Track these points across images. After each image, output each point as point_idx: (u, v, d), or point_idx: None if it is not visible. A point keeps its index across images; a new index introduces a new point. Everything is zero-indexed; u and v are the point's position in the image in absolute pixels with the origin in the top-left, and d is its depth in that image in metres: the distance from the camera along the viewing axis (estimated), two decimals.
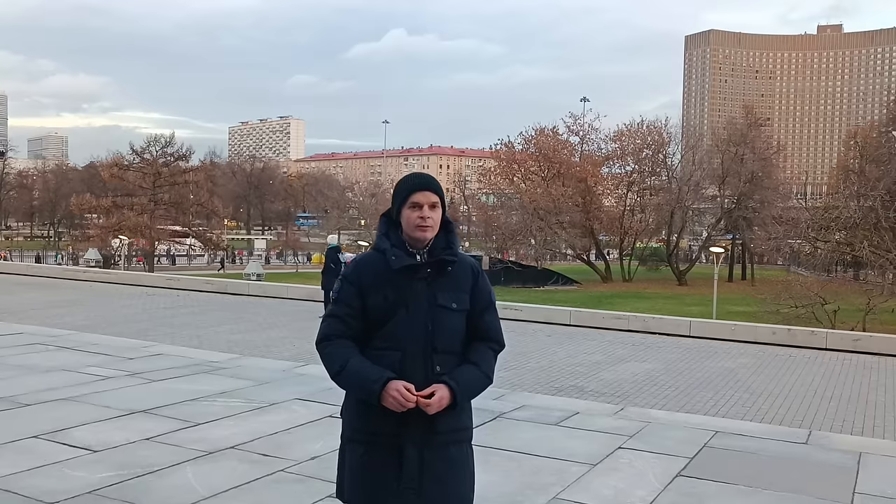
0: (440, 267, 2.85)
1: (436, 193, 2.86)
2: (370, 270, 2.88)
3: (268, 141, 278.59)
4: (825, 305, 29.84)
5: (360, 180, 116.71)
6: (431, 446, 2.81)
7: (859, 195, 37.87)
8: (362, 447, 2.85)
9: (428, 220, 2.82)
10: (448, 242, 2.89)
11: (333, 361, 2.87)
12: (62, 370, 8.42)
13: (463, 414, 2.92)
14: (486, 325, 2.95)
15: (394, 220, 2.90)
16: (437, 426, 2.80)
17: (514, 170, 63.22)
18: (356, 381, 2.81)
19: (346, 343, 2.88)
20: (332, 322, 2.93)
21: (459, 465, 2.89)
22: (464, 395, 2.83)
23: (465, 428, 2.93)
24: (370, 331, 2.87)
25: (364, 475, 2.84)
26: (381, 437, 2.81)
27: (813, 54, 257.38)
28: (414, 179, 2.92)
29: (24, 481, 4.89)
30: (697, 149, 63.64)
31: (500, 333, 3.02)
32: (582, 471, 5.47)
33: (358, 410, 2.87)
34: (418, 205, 2.83)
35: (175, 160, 64.34)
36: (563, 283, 51.86)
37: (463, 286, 2.90)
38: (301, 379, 8.30)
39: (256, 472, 5.23)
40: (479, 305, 2.93)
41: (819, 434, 6.98)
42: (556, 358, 12.06)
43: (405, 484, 2.78)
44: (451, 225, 2.94)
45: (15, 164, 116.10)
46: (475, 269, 2.97)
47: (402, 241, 2.87)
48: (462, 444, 2.91)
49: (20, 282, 22.84)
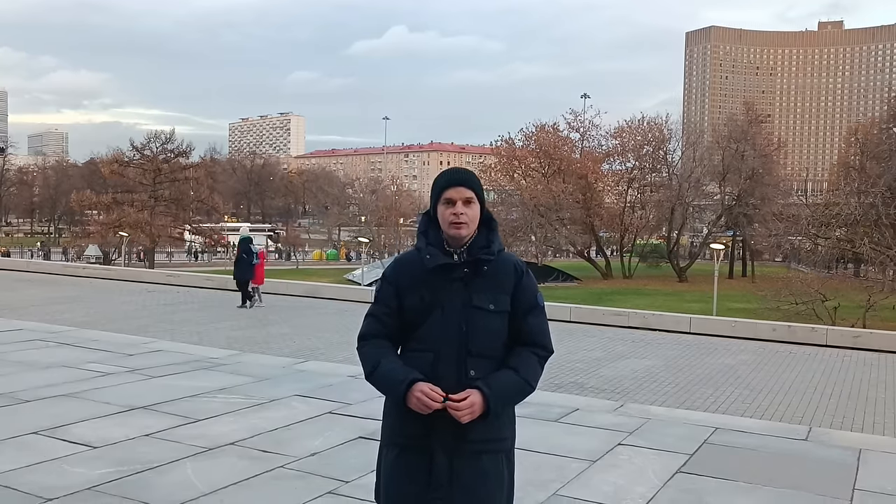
0: (476, 266, 2.74)
1: (470, 189, 2.75)
2: (407, 270, 2.79)
3: (268, 137, 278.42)
4: (825, 302, 29.85)
5: (361, 177, 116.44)
6: (462, 455, 2.69)
7: (860, 192, 37.86)
8: (396, 450, 2.77)
9: (462, 217, 2.71)
10: (488, 240, 2.77)
11: (367, 362, 2.78)
12: (62, 366, 8.42)
13: (501, 423, 2.78)
14: (529, 328, 2.80)
15: (433, 219, 2.80)
16: (468, 434, 2.68)
17: (515, 166, 63.13)
18: (385, 382, 2.73)
19: (381, 343, 2.79)
20: (370, 322, 2.84)
21: (492, 476, 2.75)
22: (498, 401, 2.67)
23: (501, 438, 2.79)
24: (407, 331, 2.78)
25: (395, 480, 2.77)
26: (413, 440, 2.71)
27: (814, 51, 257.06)
28: (447, 175, 2.81)
29: (23, 477, 4.89)
30: (698, 145, 63.50)
31: (547, 337, 2.86)
32: (582, 467, 5.46)
33: (392, 414, 2.80)
34: (451, 201, 2.73)
35: (175, 156, 64.28)
36: (563, 279, 51.90)
37: (503, 287, 2.77)
38: (301, 375, 8.30)
39: (256, 468, 5.22)
40: (522, 307, 2.79)
41: (819, 431, 6.98)
42: (556, 354, 11.85)
43: (434, 492, 2.69)
44: (493, 222, 2.82)
45: (15, 160, 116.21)
46: (519, 268, 2.82)
47: (440, 240, 2.76)
48: (497, 455, 2.77)
49: (20, 278, 22.84)
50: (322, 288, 21.20)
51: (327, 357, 10.58)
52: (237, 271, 17.78)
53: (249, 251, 17.69)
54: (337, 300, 18.76)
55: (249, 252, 17.64)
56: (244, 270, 17.54)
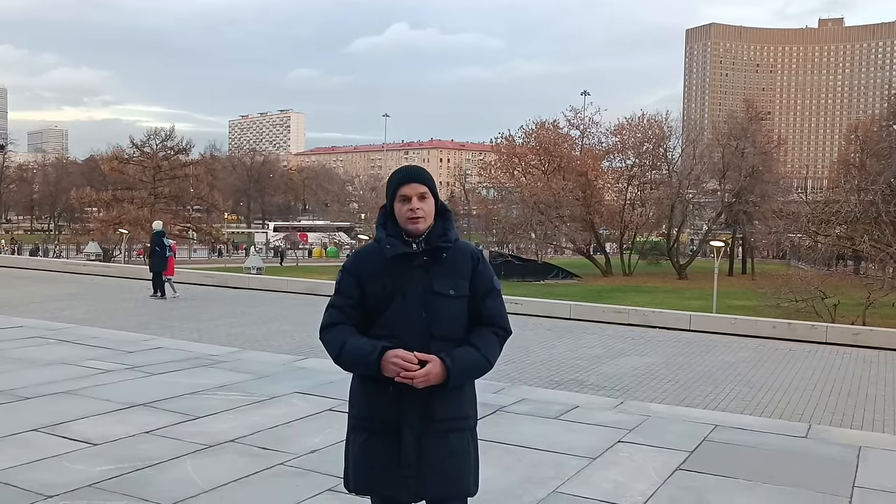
0: (435, 254, 2.84)
1: (423, 184, 2.85)
2: (368, 261, 2.90)
3: (268, 134, 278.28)
4: (825, 299, 29.79)
5: (361, 174, 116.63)
6: (429, 434, 2.79)
7: (860, 189, 37.85)
8: (364, 434, 2.86)
9: (418, 212, 2.82)
10: (444, 229, 2.88)
11: (333, 346, 2.88)
12: (62, 363, 8.42)
13: (463, 402, 2.89)
14: (487, 310, 2.91)
15: (390, 213, 2.90)
16: (435, 413, 2.79)
17: (515, 163, 63.09)
18: (355, 358, 2.81)
19: (344, 328, 2.88)
20: (332, 312, 2.94)
21: (459, 454, 2.86)
22: (458, 374, 2.78)
23: (465, 416, 2.90)
24: (370, 319, 2.86)
25: (365, 463, 2.85)
26: (381, 423, 2.81)
27: (814, 48, 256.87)
28: (400, 173, 2.92)
29: (23, 474, 4.89)
30: (698, 143, 63.41)
31: (505, 319, 2.97)
32: (581, 464, 5.46)
33: (359, 398, 2.89)
34: (407, 198, 2.83)
35: (175, 153, 64.31)
36: (563, 276, 51.83)
37: (461, 272, 2.88)
38: (301, 373, 8.30)
39: (256, 465, 5.22)
40: (480, 291, 2.90)
41: (819, 428, 6.98)
42: (556, 352, 12.06)
43: (404, 471, 2.78)
44: (448, 213, 2.93)
45: (15, 157, 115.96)
46: (475, 255, 2.95)
47: (398, 231, 2.86)
48: (463, 433, 2.89)
49: (20, 275, 22.85)
50: (322, 285, 21.17)
51: (327, 354, 10.57)
52: (151, 263, 19.01)
53: (162, 244, 18.65)
54: None
55: (162, 245, 18.62)
56: (158, 262, 18.52)
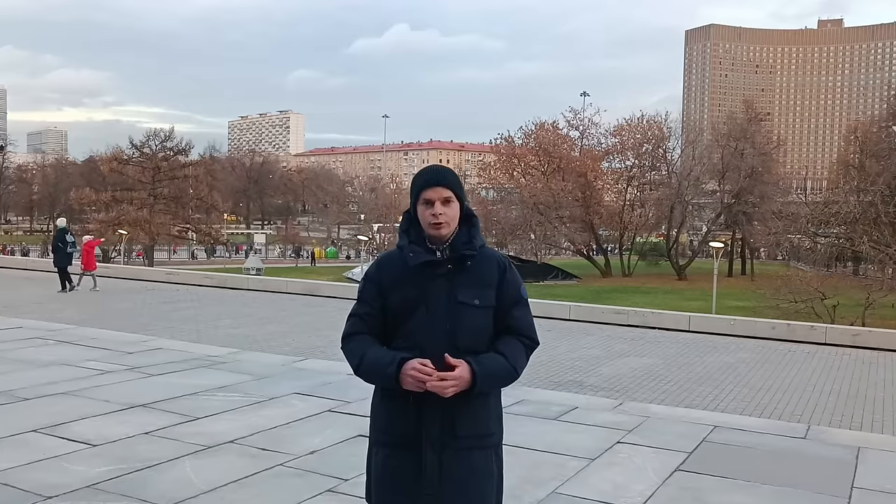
0: (460, 262, 2.73)
1: (448, 188, 2.72)
2: (390, 269, 2.78)
3: (267, 135, 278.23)
4: (824, 300, 29.78)
5: (360, 175, 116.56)
6: (451, 451, 2.68)
7: (859, 190, 37.82)
8: (386, 450, 2.76)
9: (441, 217, 2.69)
10: (469, 236, 2.76)
11: (353, 357, 2.76)
12: (61, 364, 8.43)
13: (489, 417, 2.78)
14: (515, 321, 2.80)
15: (413, 217, 2.78)
16: (458, 430, 2.68)
17: (514, 164, 63.08)
18: (373, 370, 2.70)
19: (365, 338, 2.77)
20: (354, 321, 2.82)
21: (482, 472, 2.74)
22: (484, 380, 2.65)
23: (489, 433, 2.78)
24: (391, 330, 2.76)
25: (386, 478, 2.76)
26: (402, 439, 2.70)
27: (813, 49, 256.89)
28: (424, 175, 2.78)
29: (23, 475, 4.89)
30: (697, 143, 63.44)
31: (533, 329, 2.86)
32: (581, 465, 5.47)
33: (380, 412, 2.80)
34: (430, 202, 2.70)
35: (174, 154, 64.27)
36: (562, 277, 51.77)
37: (487, 281, 2.75)
38: (300, 374, 8.31)
39: (255, 466, 5.23)
40: (506, 301, 2.78)
41: (818, 429, 6.99)
42: (555, 353, 12.06)
43: (424, 489, 2.68)
44: (474, 218, 2.81)
45: (14, 158, 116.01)
46: (502, 263, 2.82)
47: (422, 238, 2.75)
48: (487, 450, 2.77)
49: (20, 276, 22.85)
50: (321, 286, 21.19)
51: (327, 355, 10.56)
52: (56, 258, 19.98)
53: (65, 240, 19.89)
54: (337, 298, 18.74)
55: (64, 241, 19.86)
56: (61, 258, 19.70)
